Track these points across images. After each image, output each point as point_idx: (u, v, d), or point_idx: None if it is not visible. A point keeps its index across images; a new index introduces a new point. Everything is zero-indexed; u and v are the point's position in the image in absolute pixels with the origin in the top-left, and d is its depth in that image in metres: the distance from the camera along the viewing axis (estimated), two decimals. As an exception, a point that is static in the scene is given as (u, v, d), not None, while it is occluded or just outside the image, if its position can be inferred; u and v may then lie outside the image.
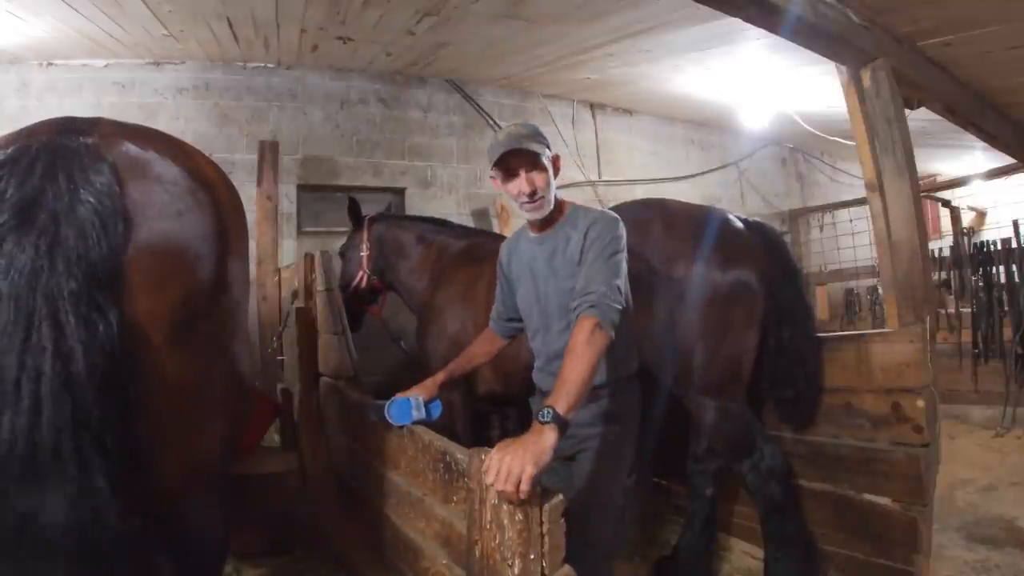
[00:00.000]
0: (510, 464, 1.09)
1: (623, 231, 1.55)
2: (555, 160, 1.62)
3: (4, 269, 0.98)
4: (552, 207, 1.60)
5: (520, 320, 1.76)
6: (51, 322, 0.98)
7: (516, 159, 1.54)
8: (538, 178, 1.55)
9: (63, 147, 1.08)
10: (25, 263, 0.98)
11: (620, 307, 1.42)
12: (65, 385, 0.97)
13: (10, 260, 0.98)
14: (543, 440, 1.16)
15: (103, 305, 1.02)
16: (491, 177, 1.61)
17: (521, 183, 1.55)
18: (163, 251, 1.14)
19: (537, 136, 1.56)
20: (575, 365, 1.29)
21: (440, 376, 1.75)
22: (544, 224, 1.64)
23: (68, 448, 0.96)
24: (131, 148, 1.17)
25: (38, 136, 1.10)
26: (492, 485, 1.10)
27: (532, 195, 1.55)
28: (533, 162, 1.54)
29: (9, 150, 1.07)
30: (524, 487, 1.07)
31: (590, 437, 1.57)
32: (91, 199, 1.04)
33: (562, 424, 1.20)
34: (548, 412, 1.20)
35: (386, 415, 1.64)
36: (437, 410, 1.70)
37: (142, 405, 1.08)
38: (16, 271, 0.98)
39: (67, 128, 1.14)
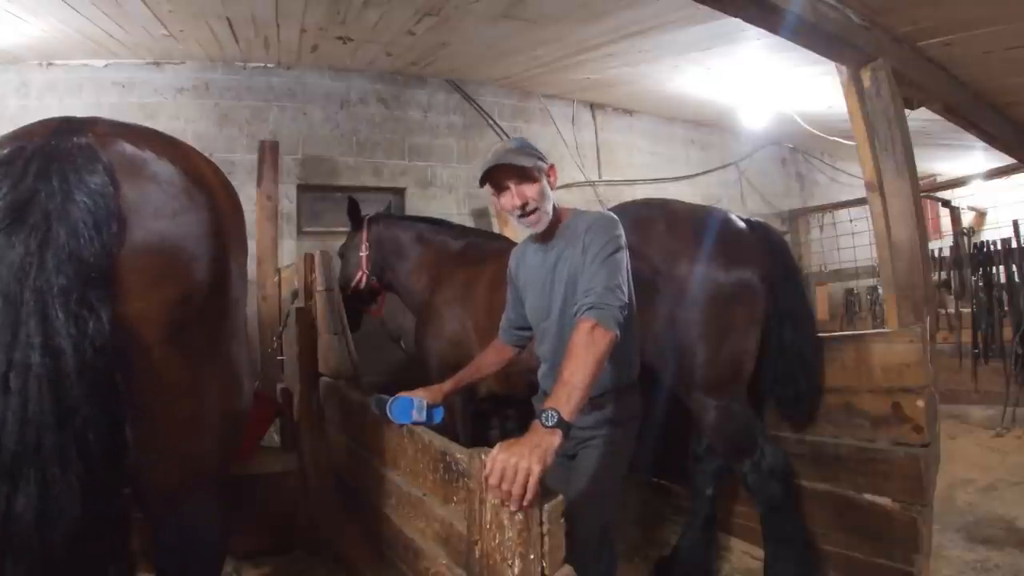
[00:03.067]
0: (516, 465, 1.08)
1: (621, 230, 1.55)
2: (550, 170, 1.62)
3: None
4: (551, 217, 1.60)
5: (530, 329, 1.77)
6: (39, 318, 0.97)
7: (504, 174, 1.55)
8: (529, 190, 1.55)
9: (57, 148, 1.08)
10: (14, 259, 0.98)
11: (620, 304, 1.41)
12: (52, 382, 0.96)
13: None
14: (547, 442, 1.14)
15: (94, 303, 1.01)
16: (492, 194, 1.62)
17: (512, 197, 1.55)
18: (158, 251, 1.14)
19: (525, 149, 1.56)
20: (575, 367, 1.28)
21: (447, 385, 1.75)
22: (546, 233, 1.64)
23: (49, 445, 0.95)
24: (127, 148, 1.16)
25: (33, 137, 1.10)
26: (496, 487, 1.08)
27: (524, 207, 1.55)
28: (522, 175, 1.54)
29: (3, 152, 1.07)
30: (531, 488, 1.06)
31: (592, 437, 1.58)
32: (85, 199, 1.04)
33: (566, 428, 1.20)
34: (552, 416, 1.19)
35: (387, 411, 1.64)
36: (439, 416, 1.70)
37: (137, 405, 1.08)
38: (4, 267, 0.97)
39: (62, 128, 1.13)
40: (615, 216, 1.59)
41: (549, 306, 1.64)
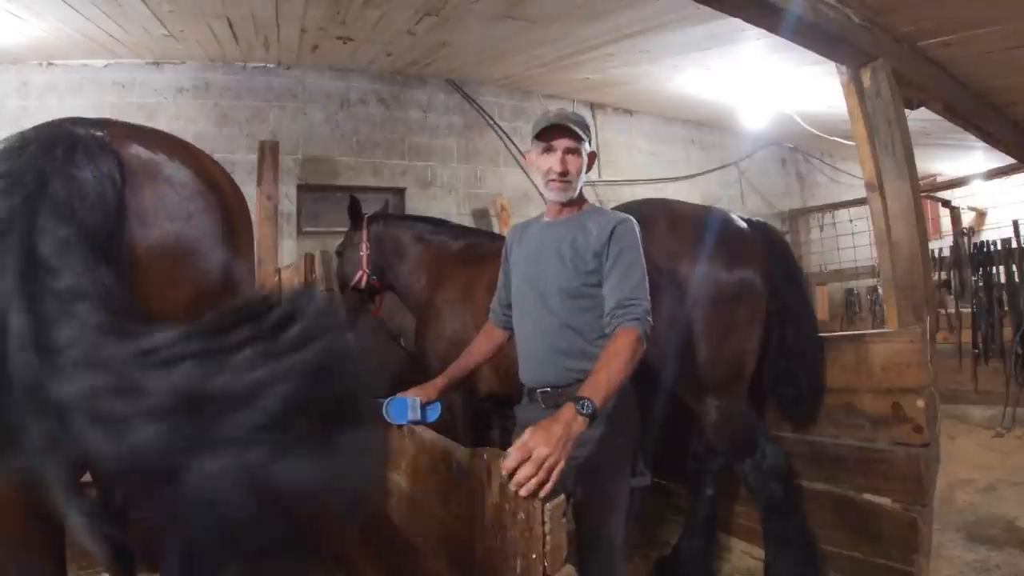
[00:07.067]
0: (545, 458, 1.09)
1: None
2: (591, 156, 1.64)
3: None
4: (575, 195, 1.62)
5: None
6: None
7: (559, 136, 1.56)
8: (572, 161, 1.57)
9: (68, 133, 1.08)
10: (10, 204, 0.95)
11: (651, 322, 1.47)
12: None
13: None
14: (575, 431, 1.17)
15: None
16: (532, 150, 1.62)
17: (555, 160, 1.56)
18: (173, 252, 1.14)
19: (584, 125, 1.59)
20: (617, 367, 1.33)
21: (440, 381, 1.74)
22: (564, 209, 1.65)
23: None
24: (141, 150, 1.17)
25: (41, 130, 1.09)
26: (525, 482, 1.08)
27: (563, 175, 1.56)
28: (573, 145, 1.56)
29: (8, 142, 1.06)
30: (553, 477, 1.08)
31: (592, 438, 1.56)
32: (90, 175, 1.02)
33: (593, 421, 1.22)
34: (589, 405, 1.22)
35: (384, 413, 1.65)
36: (435, 413, 1.70)
37: None
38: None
39: (76, 123, 1.14)
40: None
41: (538, 277, 1.61)
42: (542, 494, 1.08)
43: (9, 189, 0.97)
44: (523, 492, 1.08)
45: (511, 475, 1.09)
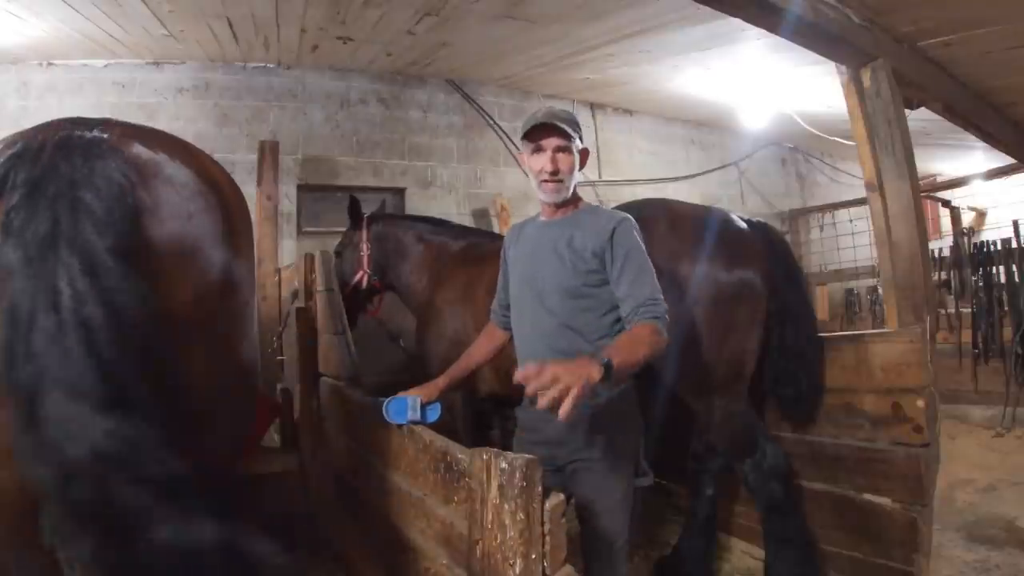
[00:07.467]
0: (560, 374, 1.13)
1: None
2: (583, 153, 1.63)
3: (17, 233, 0.95)
4: (568, 195, 1.61)
5: None
6: (72, 288, 0.95)
7: (548, 136, 1.55)
8: (563, 160, 1.56)
9: (78, 138, 1.08)
10: (40, 227, 0.96)
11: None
12: (87, 342, 0.93)
13: (23, 227, 0.96)
14: (588, 368, 1.18)
15: (126, 274, 1.00)
16: (523, 152, 1.63)
17: (546, 160, 1.55)
18: (174, 252, 1.14)
19: (573, 122, 1.58)
20: (638, 344, 1.35)
21: (441, 381, 1.74)
22: (559, 209, 1.64)
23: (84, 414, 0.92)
24: (142, 150, 1.17)
25: (47, 132, 1.10)
26: (548, 384, 1.12)
27: (554, 174, 1.56)
28: (563, 144, 1.56)
29: (17, 146, 1.06)
30: (572, 396, 1.10)
31: (594, 438, 1.56)
32: (103, 181, 1.04)
33: (608, 376, 1.22)
34: (604, 358, 1.23)
35: (385, 412, 1.65)
36: (435, 414, 1.70)
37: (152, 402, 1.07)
38: (30, 234, 0.96)
39: (77, 124, 1.14)
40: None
41: (535, 277, 1.61)
42: (562, 413, 1.10)
43: (41, 199, 0.99)
44: (542, 402, 1.12)
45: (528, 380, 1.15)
